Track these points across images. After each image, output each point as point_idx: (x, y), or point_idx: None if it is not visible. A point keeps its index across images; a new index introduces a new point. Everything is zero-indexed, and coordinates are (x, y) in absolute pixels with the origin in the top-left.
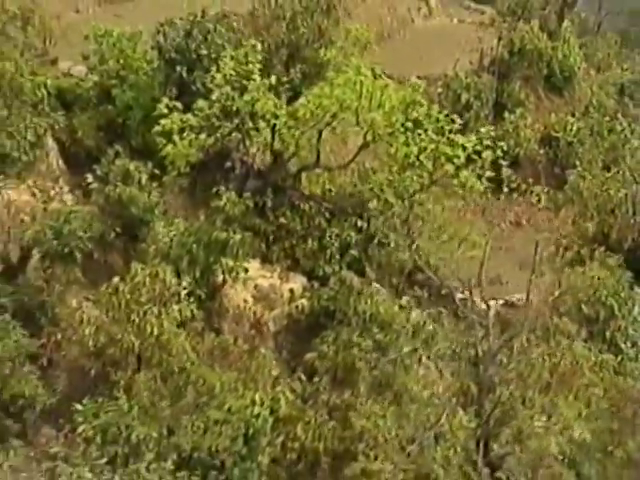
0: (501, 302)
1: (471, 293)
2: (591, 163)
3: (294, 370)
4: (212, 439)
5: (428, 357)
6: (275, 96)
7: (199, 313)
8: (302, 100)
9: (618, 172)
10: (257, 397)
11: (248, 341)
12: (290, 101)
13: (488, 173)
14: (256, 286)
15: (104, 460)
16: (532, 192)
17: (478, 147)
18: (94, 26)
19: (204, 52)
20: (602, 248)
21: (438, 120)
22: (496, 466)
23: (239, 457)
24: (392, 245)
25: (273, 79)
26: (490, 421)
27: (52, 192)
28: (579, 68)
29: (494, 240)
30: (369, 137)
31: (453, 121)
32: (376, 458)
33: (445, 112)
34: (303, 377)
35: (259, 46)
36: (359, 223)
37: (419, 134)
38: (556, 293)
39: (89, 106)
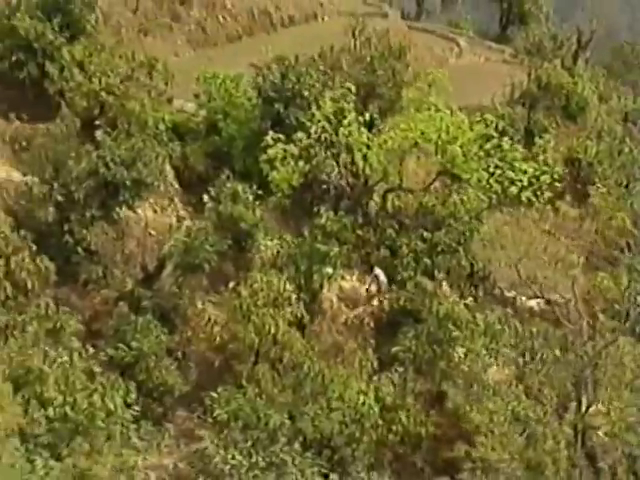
0: (542, 300)
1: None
2: (611, 180)
3: (378, 362)
4: (329, 424)
5: (496, 354)
6: None
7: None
8: (391, 133)
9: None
10: (363, 387)
11: (343, 337)
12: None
13: None
14: (340, 287)
15: (249, 443)
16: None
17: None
18: (203, 70)
19: (304, 92)
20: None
21: (504, 149)
22: (595, 457)
23: (350, 439)
24: (456, 253)
25: (367, 116)
26: (586, 417)
27: (169, 209)
28: (590, 99)
29: (529, 245)
30: (448, 165)
31: (516, 150)
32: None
33: (510, 142)
34: (399, 369)
35: (353, 88)
36: (424, 234)
37: (486, 161)
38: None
39: (199, 137)
